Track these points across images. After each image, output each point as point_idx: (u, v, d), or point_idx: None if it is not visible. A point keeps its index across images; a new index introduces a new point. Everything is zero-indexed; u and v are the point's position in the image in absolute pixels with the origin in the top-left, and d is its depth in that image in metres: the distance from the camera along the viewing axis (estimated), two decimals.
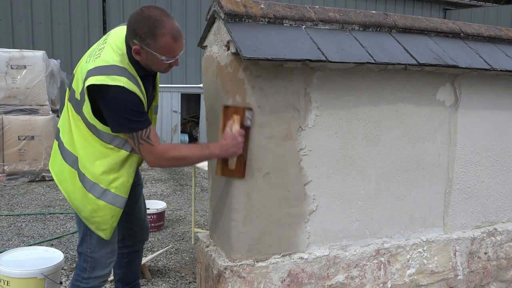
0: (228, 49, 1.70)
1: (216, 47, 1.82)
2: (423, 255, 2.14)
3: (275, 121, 1.76)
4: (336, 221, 1.94)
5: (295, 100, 1.79)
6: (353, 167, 1.95)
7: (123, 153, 1.66)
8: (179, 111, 7.21)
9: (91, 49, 1.68)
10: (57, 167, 1.71)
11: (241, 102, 1.69)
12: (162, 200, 4.20)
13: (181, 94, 7.26)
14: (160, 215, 3.47)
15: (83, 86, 1.55)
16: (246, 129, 1.68)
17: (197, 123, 7.98)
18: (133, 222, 2.01)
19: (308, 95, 1.81)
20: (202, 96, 7.28)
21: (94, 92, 1.54)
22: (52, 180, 4.87)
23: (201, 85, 7.72)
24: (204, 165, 3.14)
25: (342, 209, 1.95)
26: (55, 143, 1.74)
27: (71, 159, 1.67)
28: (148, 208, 3.39)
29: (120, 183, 1.68)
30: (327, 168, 1.89)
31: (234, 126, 1.66)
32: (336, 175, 1.91)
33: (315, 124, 1.84)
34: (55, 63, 5.35)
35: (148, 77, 1.68)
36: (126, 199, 1.73)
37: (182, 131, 7.67)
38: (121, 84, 1.51)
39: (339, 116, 1.89)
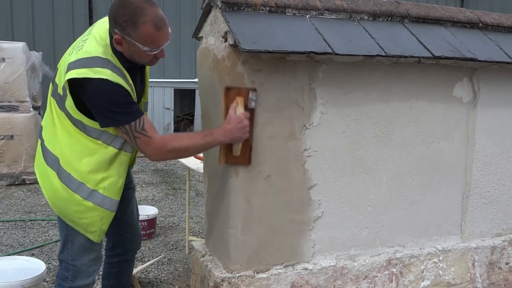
0: (226, 40, 1.71)
1: (213, 39, 1.83)
2: (439, 265, 2.15)
3: (277, 119, 1.77)
4: (344, 228, 1.95)
5: (299, 96, 1.80)
6: (362, 170, 1.96)
7: (111, 150, 1.67)
8: (172, 108, 7.23)
9: (76, 41, 1.70)
10: (40, 167, 1.73)
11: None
12: (153, 205, 4.21)
13: (174, 89, 7.28)
14: (151, 222, 3.48)
15: (64, 80, 1.57)
16: (250, 112, 1.69)
17: (191, 121, 7.99)
18: (125, 228, 2.02)
19: (313, 91, 1.82)
20: (197, 92, 7.28)
21: (76, 86, 1.55)
22: (34, 183, 4.88)
23: (196, 80, 7.72)
24: (199, 167, 3.15)
25: (350, 215, 1.96)
26: (39, 142, 1.76)
27: (50, 159, 1.68)
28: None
29: (109, 184, 1.69)
30: (333, 170, 1.90)
31: (238, 109, 1.66)
32: (343, 178, 1.92)
33: (321, 123, 1.85)
34: (36, 55, 5.35)
35: (135, 70, 1.69)
36: (117, 202, 1.74)
37: (175, 130, 7.68)
38: (104, 77, 1.52)
39: (346, 114, 1.89)
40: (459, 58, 1.93)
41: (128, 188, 1.98)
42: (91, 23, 7.67)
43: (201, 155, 3.20)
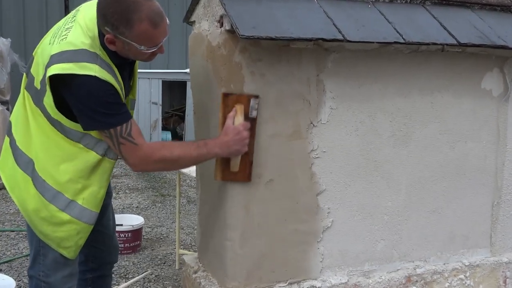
0: (222, 25, 1.70)
1: (207, 23, 1.82)
2: (466, 282, 2.14)
3: (280, 116, 1.77)
4: (357, 240, 1.95)
5: (305, 89, 1.79)
6: (378, 173, 1.95)
7: (94, 155, 1.66)
8: (160, 102, 7.23)
9: (56, 26, 1.68)
10: (8, 169, 1.71)
11: (238, 91, 1.70)
12: (138, 214, 4.20)
13: (162, 81, 7.28)
14: (136, 233, 3.48)
15: (45, 74, 1.55)
16: (251, 122, 1.69)
17: (182, 118, 7.99)
18: (99, 239, 2.01)
19: (321, 83, 1.81)
20: (188, 84, 7.28)
21: (59, 82, 1.54)
22: (2, 189, 4.87)
23: (187, 70, 7.71)
24: (191, 170, 3.14)
25: (364, 225, 1.96)
26: (6, 140, 1.74)
27: (23, 162, 1.66)
28: (121, 225, 3.39)
29: (89, 194, 1.68)
30: (345, 174, 1.89)
31: (236, 118, 1.67)
32: (356, 183, 1.92)
33: (330, 119, 1.84)
34: (4, 42, 5.34)
35: (124, 65, 1.69)
36: (96, 214, 1.73)
37: (164, 128, 7.68)
38: (92, 73, 1.51)
39: (360, 109, 1.89)
40: (488, 46, 1.93)
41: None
42: (66, 6, 7.66)
43: None
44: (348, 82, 1.85)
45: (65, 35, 1.59)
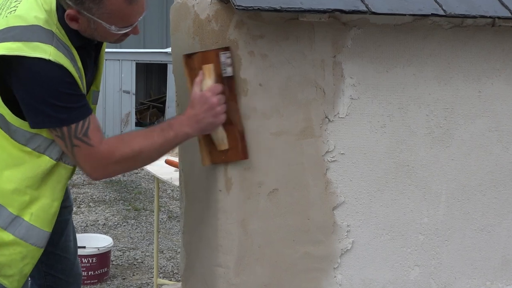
0: None
1: None
2: None
3: (287, 108, 1.78)
4: (384, 266, 1.96)
5: (318, 75, 1.80)
6: (411, 181, 1.96)
7: (46, 161, 1.67)
8: (133, 91, 7.24)
9: None
10: None
11: (235, 75, 1.71)
12: (106, 233, 4.22)
13: (136, 63, 7.29)
14: (103, 258, 3.49)
15: None
16: (228, 82, 1.70)
17: (161, 110, 7.99)
18: (56, 265, 2.02)
19: (339, 67, 1.82)
20: (170, 68, 7.27)
21: (4, 66, 1.55)
22: None
23: (168, 50, 7.69)
24: (173, 177, 3.15)
25: (394, 248, 1.97)
26: None
27: None
28: (84, 247, 3.41)
29: (39, 208, 1.69)
30: (369, 182, 1.90)
31: (204, 83, 1.67)
32: (383, 194, 1.93)
33: (350, 113, 1.86)
34: None
35: (87, 48, 1.70)
36: (47, 234, 1.74)
37: (138, 124, 7.70)
38: (46, 56, 1.52)
39: (388, 100, 1.90)
40: None
41: (62, 208, 2.01)
42: None
43: (175, 160, 3.21)
44: (373, 65, 1.86)
45: (14, 7, 1.60)
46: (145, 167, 3.37)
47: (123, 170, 1.73)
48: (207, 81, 1.67)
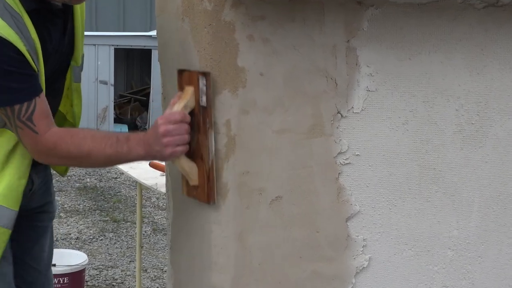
0: None
1: None
2: None
3: (292, 101, 1.78)
4: (407, 287, 1.96)
5: (329, 63, 1.80)
6: (438, 187, 1.97)
7: (8, 136, 1.75)
8: (112, 81, 7.24)
9: None
10: None
11: (228, 64, 1.72)
12: (79, 249, 4.23)
13: (115, 49, 7.29)
14: (76, 277, 3.49)
15: None
16: (203, 111, 1.72)
17: (145, 105, 7.98)
18: (25, 276, 2.04)
19: (354, 53, 1.83)
20: (155, 55, 7.27)
21: None
22: None
23: (153, 33, 7.69)
24: (158, 184, 3.15)
25: (418, 265, 1.97)
26: None
27: None
28: (54, 264, 3.41)
29: (5, 187, 1.77)
30: (388, 188, 1.91)
31: (177, 106, 1.72)
32: (405, 202, 1.93)
33: (367, 107, 1.86)
34: None
35: (50, 16, 1.72)
36: (14, 213, 1.81)
37: (118, 120, 7.70)
38: None
39: (411, 92, 1.90)
40: None
41: (40, 212, 2.04)
42: None
43: (162, 163, 3.21)
44: (393, 51, 1.86)
45: None
46: (126, 170, 3.38)
47: (66, 165, 1.86)
48: (179, 103, 1.72)
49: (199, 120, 1.73)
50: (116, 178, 6.30)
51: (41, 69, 1.77)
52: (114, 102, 7.53)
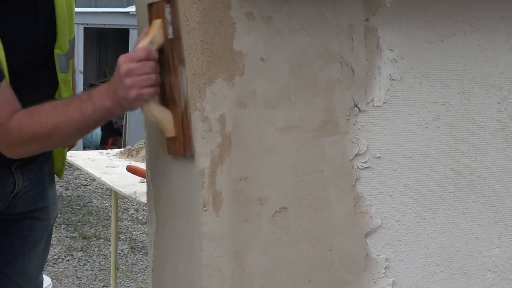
0: None
1: None
2: None
3: (300, 93, 1.78)
4: None
5: (345, 46, 1.80)
6: (476, 196, 1.97)
7: None
8: (81, 68, 7.24)
9: None
10: None
11: (222, 46, 1.72)
12: (43, 271, 4.21)
13: (85, 29, 7.29)
14: None
15: None
16: (172, 46, 1.74)
17: None
18: None
19: (374, 34, 1.83)
20: (133, 35, 7.27)
21: None
22: None
23: (131, 10, 7.68)
24: (137, 191, 3.14)
25: None
26: None
27: None
28: None
29: None
30: (416, 197, 1.91)
31: (142, 41, 1.75)
32: (436, 214, 1.93)
33: (390, 100, 1.86)
34: None
35: None
36: None
37: None
38: None
39: (443, 81, 1.90)
40: None
41: (28, 218, 2.09)
42: None
43: (141, 166, 3.20)
44: (421, 32, 1.87)
45: None
46: (98, 176, 3.37)
47: (40, 150, 1.89)
48: (145, 39, 1.74)
49: (168, 58, 1.75)
50: (86, 185, 6.30)
51: (1, 57, 1.81)
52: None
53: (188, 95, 1.72)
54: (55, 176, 2.27)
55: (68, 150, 2.37)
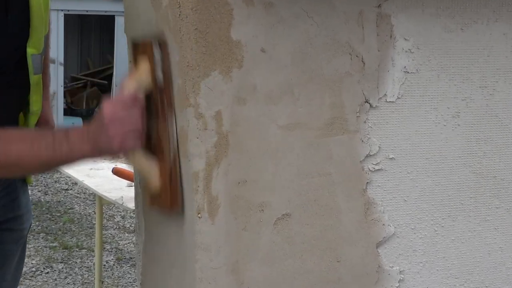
0: None
1: None
2: None
3: (305, 87, 1.78)
4: None
5: (354, 35, 1.81)
6: (500, 201, 1.97)
7: None
8: (61, 59, 7.25)
9: None
10: None
11: (218, 35, 1.71)
12: (18, 285, 4.22)
13: (66, 16, 7.30)
14: None
15: None
16: (161, 90, 1.75)
17: (106, 90, 8.00)
18: None
19: (387, 22, 1.83)
20: (119, 22, 7.29)
21: None
22: None
23: None
24: (124, 197, 3.15)
25: None
26: None
27: None
28: None
29: None
30: (433, 203, 1.91)
31: (129, 84, 1.77)
32: (456, 222, 1.94)
33: (404, 94, 1.86)
34: None
35: None
36: None
37: (69, 111, 7.70)
38: None
39: (463, 74, 1.90)
40: None
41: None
42: None
43: (130, 170, 3.20)
44: (439, 19, 1.87)
45: None
46: (81, 179, 3.37)
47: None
48: (131, 83, 1.76)
49: (157, 103, 1.75)
50: (67, 189, 6.30)
51: None
52: (65, 88, 7.55)
53: (177, 144, 1.74)
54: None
55: None
